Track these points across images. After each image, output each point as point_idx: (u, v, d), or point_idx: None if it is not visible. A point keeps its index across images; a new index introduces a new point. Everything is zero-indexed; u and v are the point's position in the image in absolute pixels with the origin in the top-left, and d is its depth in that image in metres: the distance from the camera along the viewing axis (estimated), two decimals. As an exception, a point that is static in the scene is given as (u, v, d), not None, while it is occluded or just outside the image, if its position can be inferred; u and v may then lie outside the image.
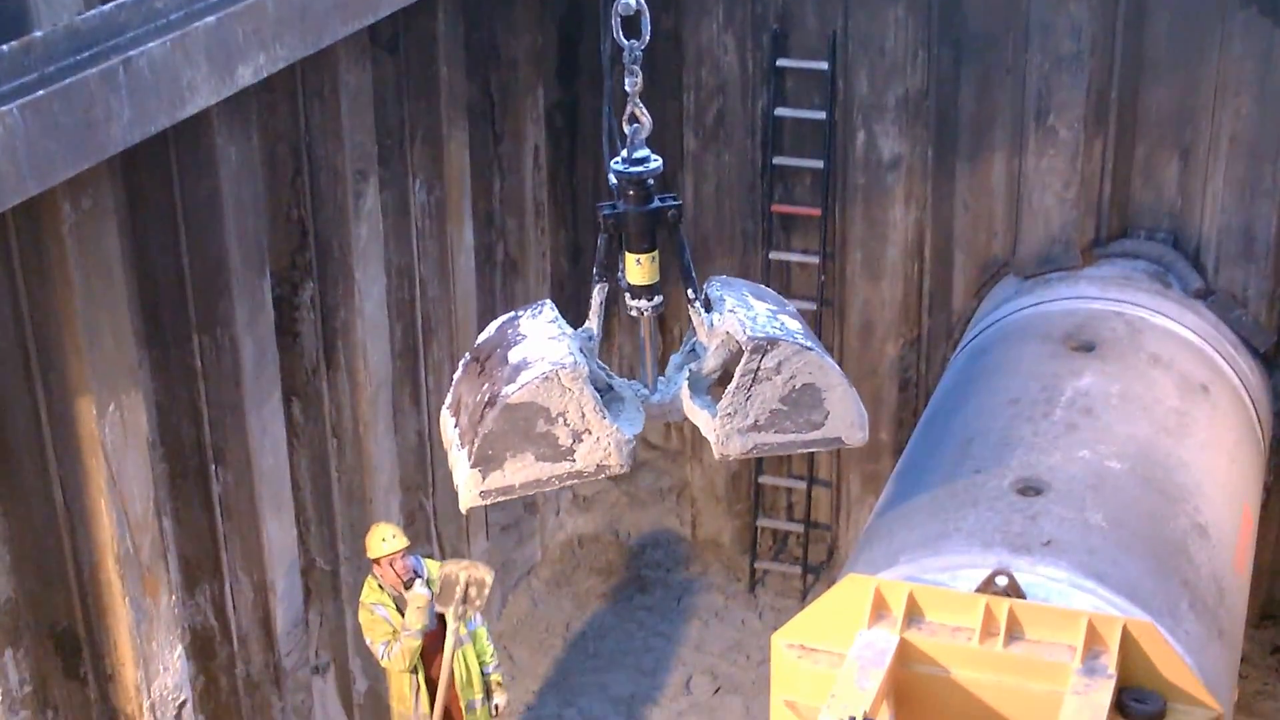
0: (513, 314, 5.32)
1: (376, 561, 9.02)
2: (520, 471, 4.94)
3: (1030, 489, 7.71)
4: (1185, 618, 7.28)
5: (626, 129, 5.06)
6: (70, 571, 7.70)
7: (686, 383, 5.34)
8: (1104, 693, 6.45)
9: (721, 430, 5.21)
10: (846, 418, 5.36)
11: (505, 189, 11.26)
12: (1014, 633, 6.70)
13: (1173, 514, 7.90)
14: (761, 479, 12.52)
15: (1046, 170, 10.84)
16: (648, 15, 5.07)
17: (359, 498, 9.78)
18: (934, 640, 6.75)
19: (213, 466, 8.55)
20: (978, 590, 6.84)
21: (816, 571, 12.41)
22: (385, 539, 8.99)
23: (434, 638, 9.01)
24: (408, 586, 8.92)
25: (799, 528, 12.47)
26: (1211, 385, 9.28)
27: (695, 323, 5.31)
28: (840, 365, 11.80)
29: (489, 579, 6.56)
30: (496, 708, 9.39)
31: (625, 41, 5.08)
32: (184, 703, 8.24)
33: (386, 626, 8.92)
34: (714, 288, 5.46)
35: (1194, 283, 10.36)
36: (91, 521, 7.59)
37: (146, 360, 7.97)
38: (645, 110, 5.05)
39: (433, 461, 10.60)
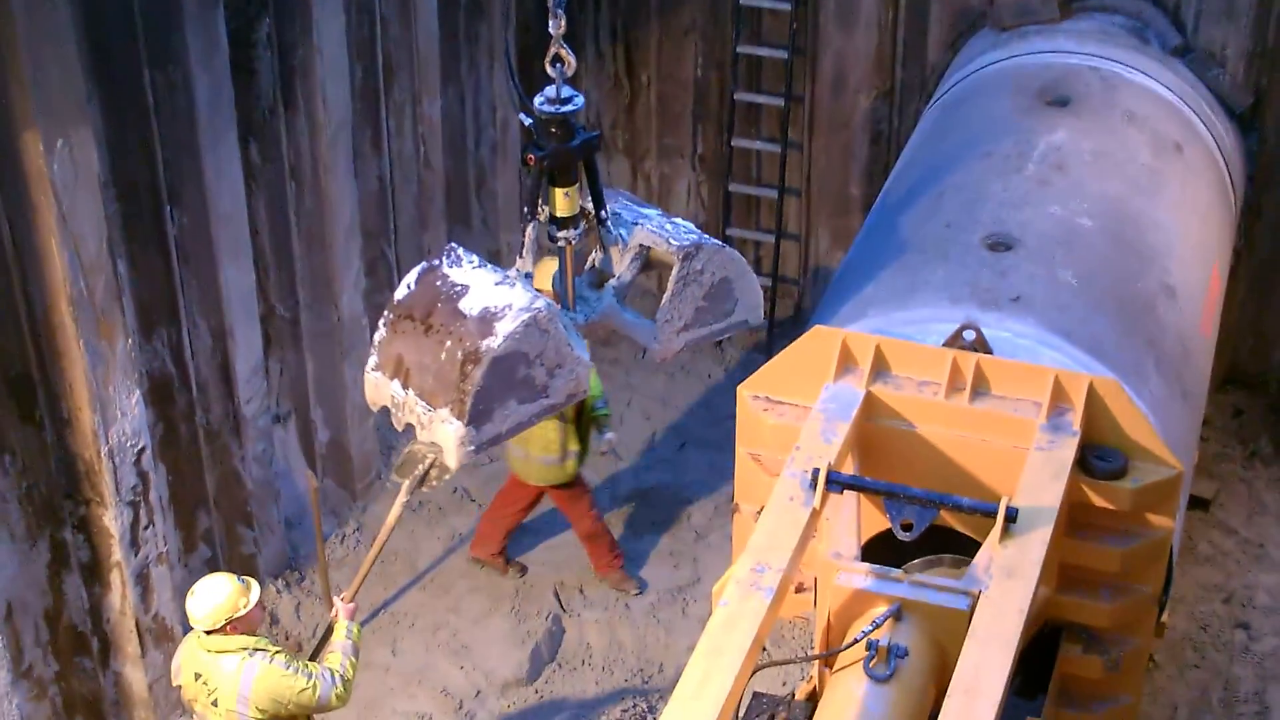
0: (425, 266, 5.31)
1: None
2: (507, 419, 5.10)
3: (1000, 244, 7.62)
4: (1150, 377, 7.27)
5: (551, 71, 5.08)
6: (22, 313, 7.58)
7: (614, 299, 5.54)
8: (1067, 449, 6.46)
9: (662, 336, 5.49)
10: (750, 301, 5.63)
11: (469, -76, 10.91)
12: (980, 388, 6.68)
13: (1142, 273, 7.84)
14: (729, 231, 12.41)
15: (1027, -85, 10.53)
16: None
17: (319, 243, 9.62)
18: (900, 394, 6.73)
19: (168, 208, 8.38)
20: (945, 345, 6.79)
21: (783, 327, 12.37)
22: None
23: None
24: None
25: (766, 282, 12.38)
26: (1186, 145, 9.15)
27: (606, 241, 5.44)
28: (811, 117, 11.76)
29: (453, 467, 6.55)
30: (610, 441, 9.56)
31: None
32: (143, 449, 8.18)
33: None
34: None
35: (1172, 40, 10.16)
36: (43, 261, 7.44)
37: (96, 96, 7.72)
38: (569, 50, 5.09)
39: (394, 209, 10.44)
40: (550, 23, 5.04)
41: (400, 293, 5.23)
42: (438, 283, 5.19)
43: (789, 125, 11.88)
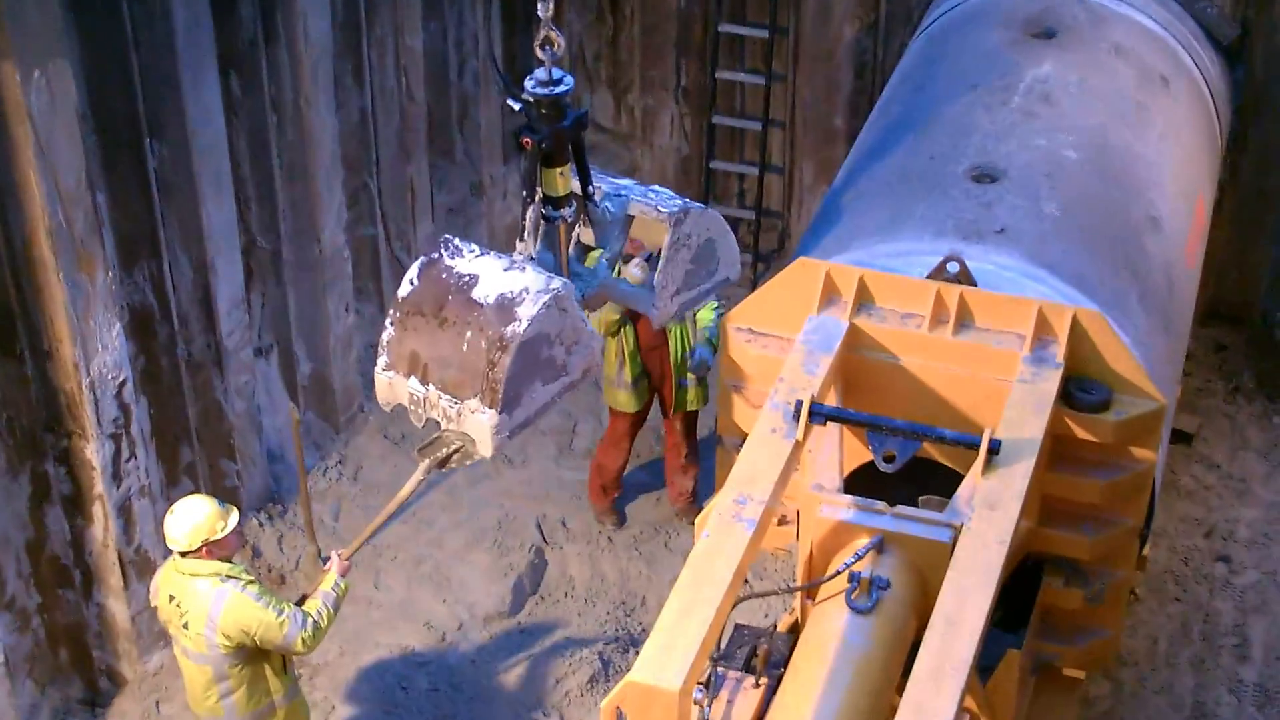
0: (424, 260, 5.31)
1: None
2: (534, 401, 5.16)
3: (985, 176, 7.58)
4: (1134, 310, 7.25)
5: (541, 54, 5.10)
6: (1, 246, 7.53)
7: (612, 274, 5.64)
8: (1051, 382, 6.45)
9: (660, 302, 5.57)
10: (730, 258, 5.72)
11: None
12: (964, 320, 6.66)
13: (1127, 206, 7.81)
14: (713, 164, 12.37)
15: None
16: None
17: (300, 175, 9.57)
18: (883, 326, 6.71)
19: (147, 140, 8.32)
20: (929, 277, 6.76)
21: (767, 260, 12.35)
22: None
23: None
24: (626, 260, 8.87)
25: (750, 215, 12.36)
26: (1172, 78, 9.10)
27: (594, 217, 5.51)
28: (795, 49, 11.68)
29: (477, 457, 6.55)
30: (701, 361, 9.45)
31: None
32: (124, 382, 8.16)
33: None
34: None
35: (1160, -29, 10.09)
36: (21, 193, 7.39)
37: (73, 26, 7.65)
38: (559, 33, 5.12)
39: (376, 141, 10.37)
40: (539, 6, 5.05)
41: (404, 290, 5.21)
42: (443, 275, 5.18)
43: (773, 57, 11.82)
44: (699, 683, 5.75)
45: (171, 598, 7.09)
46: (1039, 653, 7.23)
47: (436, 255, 5.23)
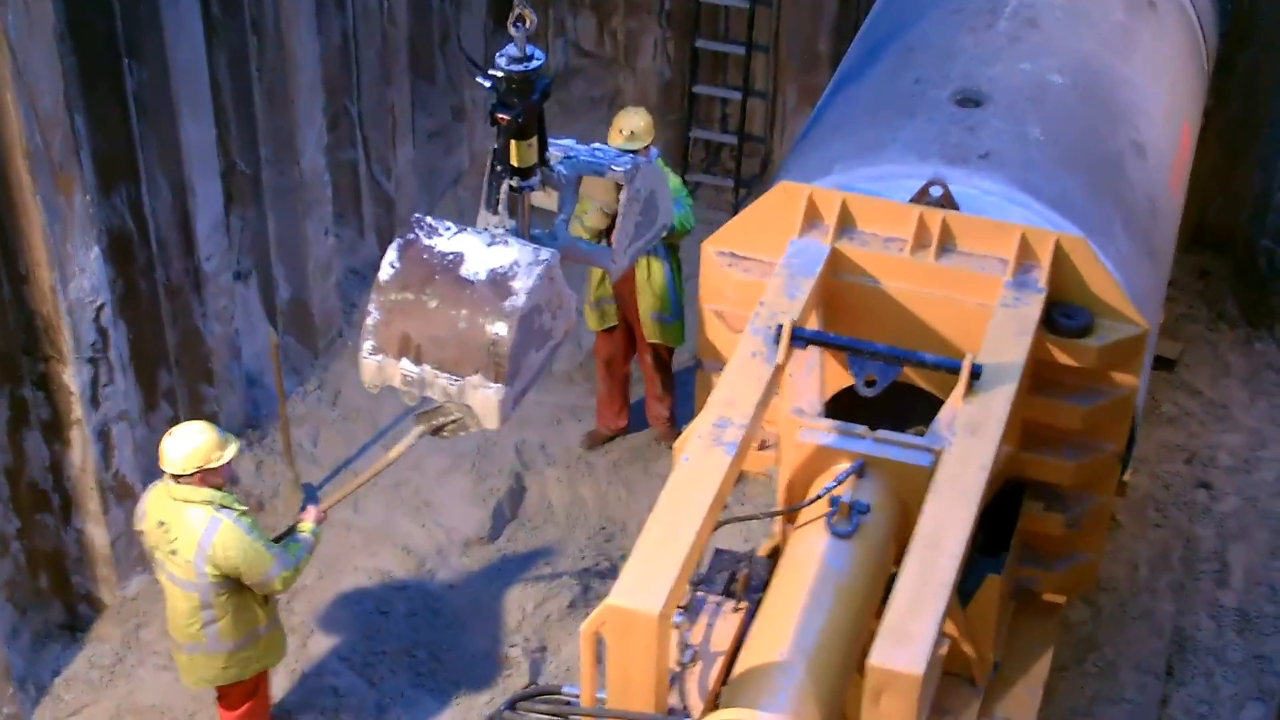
0: (401, 242, 5.30)
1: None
2: (530, 369, 5.24)
3: (970, 100, 7.53)
4: (1118, 236, 7.23)
5: (514, 32, 5.14)
6: (-23, 168, 7.47)
7: (569, 233, 5.70)
8: (1033, 307, 6.44)
9: (617, 256, 5.65)
10: (665, 205, 5.82)
11: None
12: (946, 244, 6.64)
13: (1112, 131, 7.77)
14: (696, 88, 12.29)
15: None
16: None
17: (280, 99, 9.49)
18: (865, 250, 6.68)
19: (126, 61, 8.23)
20: (912, 201, 6.73)
21: (749, 185, 12.30)
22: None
23: None
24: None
25: (732, 140, 12.30)
26: (1159, 1, 9.03)
27: (550, 181, 5.55)
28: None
29: (472, 429, 6.58)
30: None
31: None
32: (102, 306, 8.11)
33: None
34: None
35: (1148, -108, 9.99)
36: (-2, 115, 7.33)
37: (49, -56, 7.56)
38: (533, 11, 5.17)
39: (357, 64, 10.28)
40: None
41: (384, 273, 5.23)
42: (424, 255, 5.20)
43: (758, -20, 11.73)
44: (679, 607, 5.76)
45: (161, 523, 7.07)
46: (1019, 578, 7.25)
47: (413, 236, 5.27)
